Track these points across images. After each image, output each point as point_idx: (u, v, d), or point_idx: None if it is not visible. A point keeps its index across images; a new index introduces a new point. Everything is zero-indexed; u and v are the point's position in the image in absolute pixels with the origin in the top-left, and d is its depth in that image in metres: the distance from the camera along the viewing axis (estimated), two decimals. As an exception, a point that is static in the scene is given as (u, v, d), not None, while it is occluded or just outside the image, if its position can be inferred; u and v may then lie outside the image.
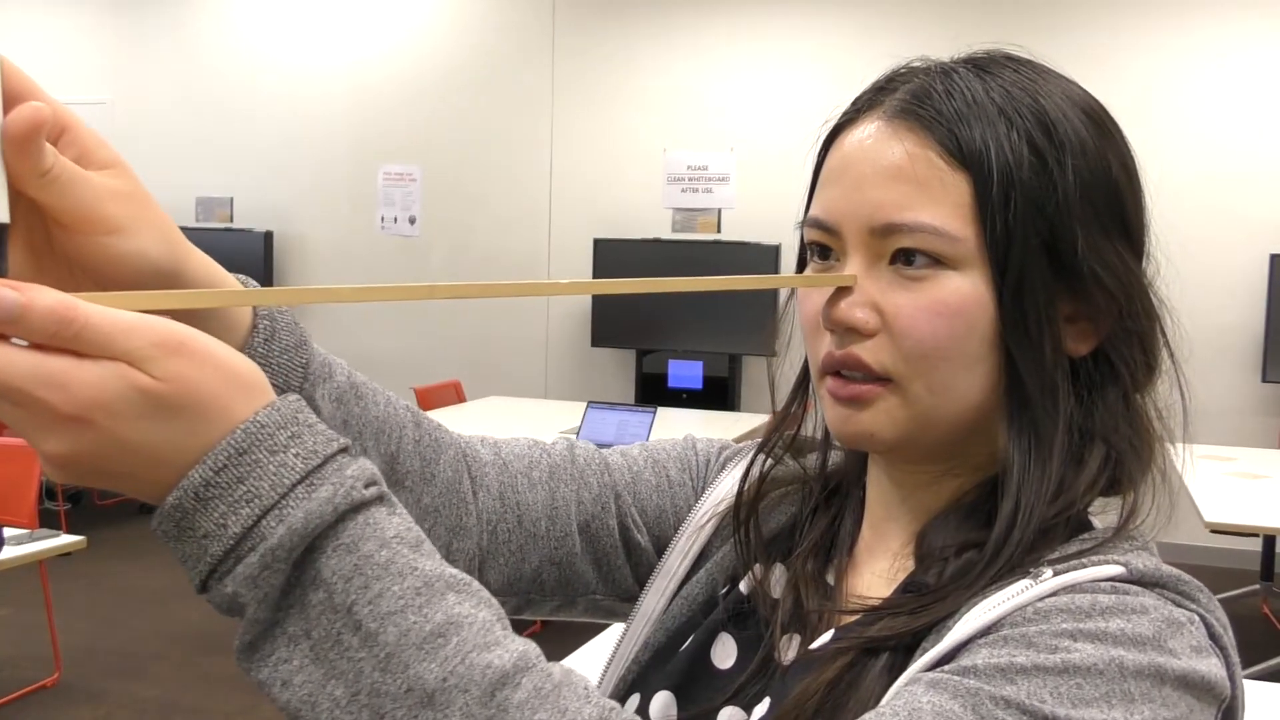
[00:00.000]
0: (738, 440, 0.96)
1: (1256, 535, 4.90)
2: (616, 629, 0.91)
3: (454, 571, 0.56)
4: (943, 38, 5.62)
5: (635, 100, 6.83)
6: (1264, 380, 5.66)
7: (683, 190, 6.77)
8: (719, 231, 6.70)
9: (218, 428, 0.53)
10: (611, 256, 6.61)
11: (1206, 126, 5.80)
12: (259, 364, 0.66)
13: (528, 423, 5.26)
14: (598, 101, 6.91)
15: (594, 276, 6.62)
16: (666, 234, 6.76)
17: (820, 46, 6.52)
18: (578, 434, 4.72)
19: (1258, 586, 5.11)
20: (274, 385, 0.67)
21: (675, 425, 5.25)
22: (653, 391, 6.55)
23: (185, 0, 7.68)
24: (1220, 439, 5.23)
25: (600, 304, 6.59)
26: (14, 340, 0.50)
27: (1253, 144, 5.84)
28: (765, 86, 6.60)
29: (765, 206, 6.55)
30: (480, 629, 0.54)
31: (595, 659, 2.01)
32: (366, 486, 0.55)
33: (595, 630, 2.14)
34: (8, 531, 3.60)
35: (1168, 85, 5.83)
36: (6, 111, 0.52)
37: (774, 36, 6.59)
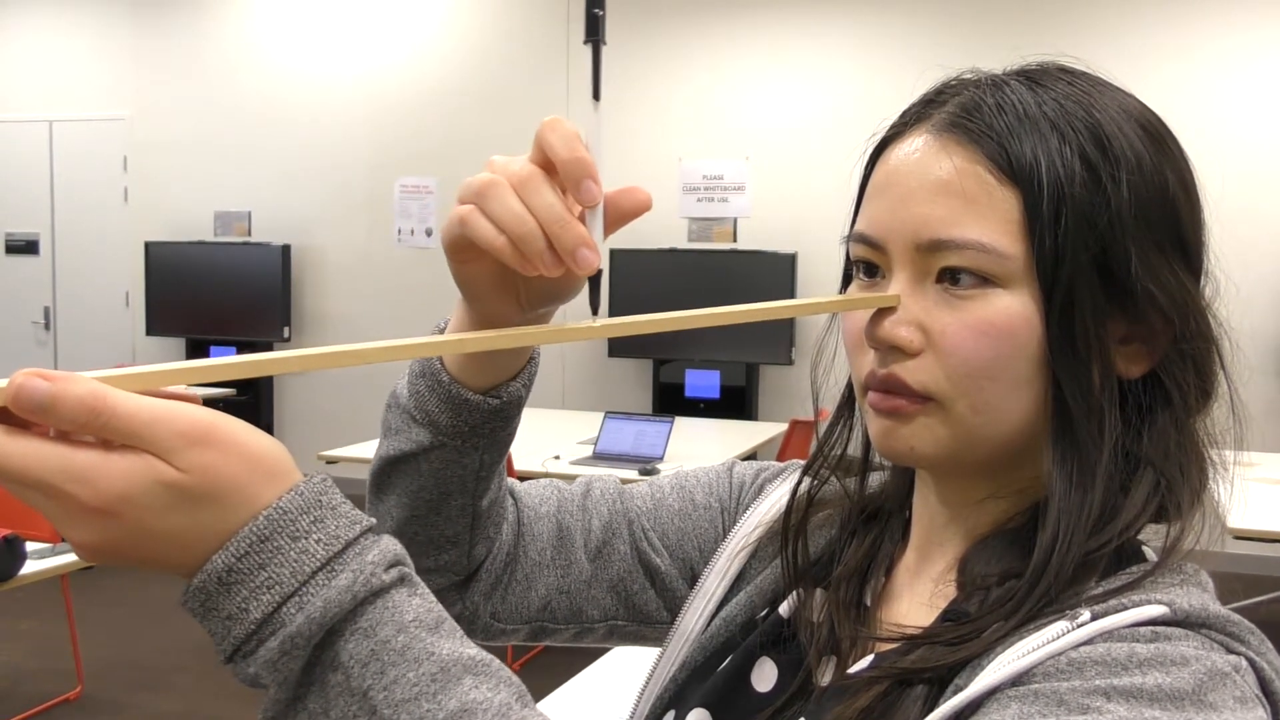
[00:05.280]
0: (757, 450, 0.95)
1: (1279, 542, 4.86)
2: (615, 661, 0.92)
3: (473, 652, 0.56)
4: (961, 46, 5.59)
5: (650, 110, 6.84)
6: (1284, 385, 5.63)
7: (698, 199, 6.77)
8: (735, 240, 6.70)
9: (242, 514, 0.53)
10: (627, 267, 6.61)
11: (1218, 130, 5.78)
12: (518, 397, 0.78)
13: (546, 433, 5.24)
14: (613, 111, 6.88)
15: (610, 286, 6.62)
16: (682, 243, 6.76)
17: (836, 55, 6.52)
18: (595, 444, 4.72)
19: (1281, 594, 5.08)
20: (512, 415, 0.80)
21: (693, 435, 5.23)
22: (670, 401, 6.56)
23: (203, 16, 7.73)
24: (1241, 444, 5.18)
25: (616, 315, 6.58)
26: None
27: (1268, 147, 5.82)
28: (781, 95, 6.60)
29: (781, 215, 6.54)
30: (495, 713, 0.54)
31: (589, 690, 2.00)
32: (387, 570, 0.55)
33: (591, 658, 2.14)
34: (30, 546, 3.61)
35: (1179, 90, 5.81)
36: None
37: (789, 45, 6.59)
